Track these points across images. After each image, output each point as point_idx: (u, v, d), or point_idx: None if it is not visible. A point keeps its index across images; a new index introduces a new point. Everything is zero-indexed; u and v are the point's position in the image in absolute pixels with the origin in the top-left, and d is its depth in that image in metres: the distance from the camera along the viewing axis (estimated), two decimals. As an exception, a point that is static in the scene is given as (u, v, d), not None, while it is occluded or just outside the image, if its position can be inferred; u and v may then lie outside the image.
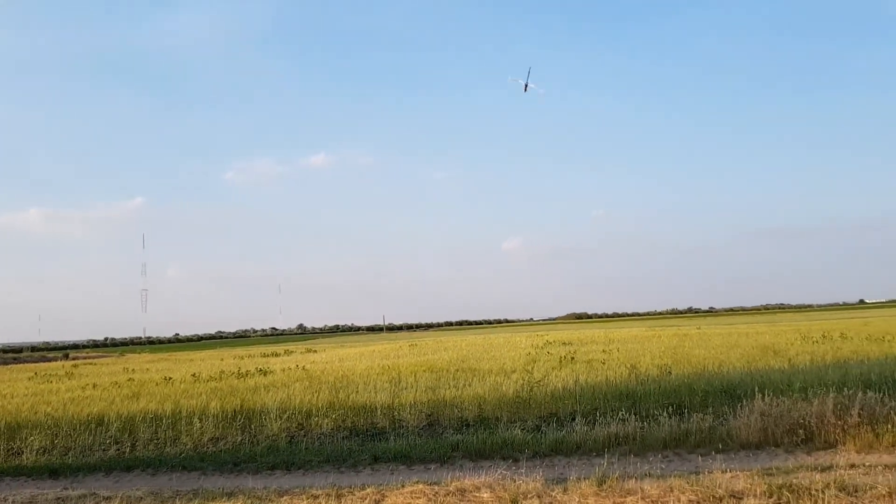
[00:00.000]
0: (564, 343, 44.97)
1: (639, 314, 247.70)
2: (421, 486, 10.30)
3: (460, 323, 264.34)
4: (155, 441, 16.29)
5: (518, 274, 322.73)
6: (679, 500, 8.83)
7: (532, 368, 24.23)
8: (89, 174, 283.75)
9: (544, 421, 15.93)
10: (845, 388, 14.02)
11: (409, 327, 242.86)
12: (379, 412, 17.27)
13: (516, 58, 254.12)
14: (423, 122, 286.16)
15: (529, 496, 9.46)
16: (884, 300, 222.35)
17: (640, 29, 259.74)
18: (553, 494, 9.57)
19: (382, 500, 9.73)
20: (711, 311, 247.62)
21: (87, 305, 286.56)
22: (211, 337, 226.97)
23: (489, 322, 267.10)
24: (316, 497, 10.05)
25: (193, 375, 30.96)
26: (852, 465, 10.80)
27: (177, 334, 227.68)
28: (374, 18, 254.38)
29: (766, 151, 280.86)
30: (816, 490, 8.87)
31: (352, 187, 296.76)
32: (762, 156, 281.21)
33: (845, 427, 12.71)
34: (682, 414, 14.76)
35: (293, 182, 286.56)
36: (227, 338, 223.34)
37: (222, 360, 50.16)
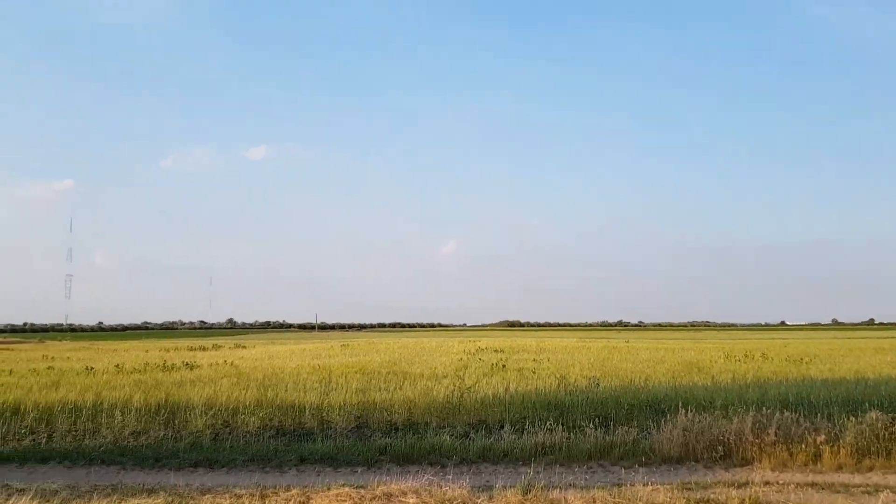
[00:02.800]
0: (496, 350, 45.31)
1: (570, 325, 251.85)
2: (347, 489, 10.24)
3: (393, 325, 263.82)
4: (73, 433, 15.72)
5: (453, 278, 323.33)
6: (601, 512, 9.01)
7: (463, 374, 24.35)
8: (19, 151, 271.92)
9: (473, 428, 16.01)
10: (764, 408, 14.52)
11: (342, 327, 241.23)
12: (307, 412, 17.07)
13: (456, 61, 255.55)
14: (367, 121, 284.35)
15: (455, 503, 9.51)
16: (804, 323, 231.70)
17: (581, 40, 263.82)
18: (478, 502, 9.65)
19: (307, 502, 9.64)
20: (640, 326, 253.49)
21: (8, 288, 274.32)
22: (137, 327, 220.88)
23: (422, 325, 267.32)
24: (240, 496, 9.88)
25: (117, 366, 30.04)
26: (767, 483, 11.21)
27: (101, 323, 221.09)
28: (322, 14, 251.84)
29: (696, 172, 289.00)
30: (732, 505, 9.19)
31: (291, 182, 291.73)
32: (692, 176, 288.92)
33: (762, 445, 13.17)
34: (608, 426, 15.06)
35: (231, 173, 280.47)
36: (153, 329, 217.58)
37: (147, 351, 48.79)
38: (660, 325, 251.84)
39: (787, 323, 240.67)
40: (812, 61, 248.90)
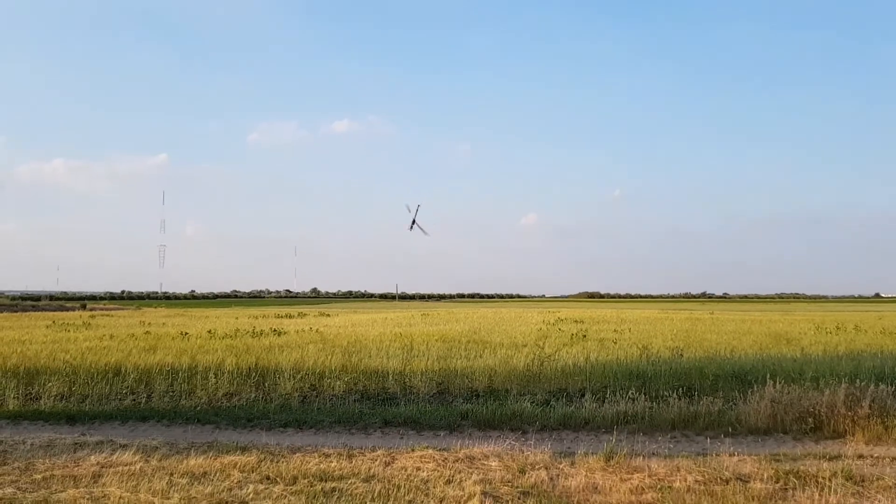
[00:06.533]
0: (576, 321, 45.04)
1: (651, 296, 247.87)
2: (430, 451, 10.46)
3: (472, 296, 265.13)
4: (170, 393, 16.58)
5: (533, 250, 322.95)
6: (685, 480, 8.93)
7: (543, 344, 24.33)
8: (116, 128, 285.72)
9: (554, 396, 16.05)
10: (857, 380, 13.98)
11: (422, 297, 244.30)
12: (390, 378, 17.45)
13: (539, 40, 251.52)
14: (447, 96, 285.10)
15: (537, 467, 9.60)
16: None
17: (657, 24, 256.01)
18: (560, 467, 9.71)
19: (392, 462, 9.91)
20: (725, 297, 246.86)
21: (106, 258, 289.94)
22: (226, 296, 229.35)
23: (501, 296, 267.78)
24: (328, 456, 10.24)
25: (209, 332, 31.34)
26: (860, 456, 10.85)
27: (192, 291, 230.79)
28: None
29: (787, 139, 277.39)
30: (823, 478, 8.95)
31: (372, 155, 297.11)
32: (783, 144, 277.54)
33: (855, 418, 12.72)
34: (692, 396, 14.80)
35: (315, 147, 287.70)
36: (241, 297, 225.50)
37: (237, 318, 50.65)
38: (746, 297, 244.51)
39: (882, 295, 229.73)
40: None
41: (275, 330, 32.69)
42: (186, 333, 30.16)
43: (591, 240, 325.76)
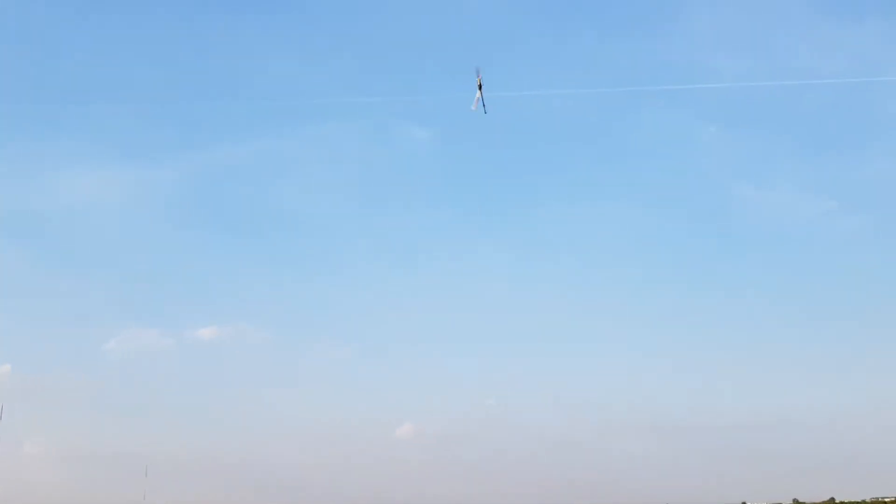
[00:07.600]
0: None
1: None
2: None
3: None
4: None
5: (408, 464, 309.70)
6: None
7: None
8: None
9: None
10: None
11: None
12: None
13: (408, 238, 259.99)
14: (319, 301, 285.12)
15: None
16: (764, 502, 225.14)
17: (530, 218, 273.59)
18: None
19: None
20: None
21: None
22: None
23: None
24: None
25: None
26: None
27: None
28: (272, 196, 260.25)
29: (650, 351, 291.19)
30: None
31: (238, 364, 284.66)
32: (647, 355, 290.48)
33: None
34: None
35: (177, 355, 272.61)
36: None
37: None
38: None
39: (748, 503, 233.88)
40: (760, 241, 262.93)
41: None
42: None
43: (470, 451, 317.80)
